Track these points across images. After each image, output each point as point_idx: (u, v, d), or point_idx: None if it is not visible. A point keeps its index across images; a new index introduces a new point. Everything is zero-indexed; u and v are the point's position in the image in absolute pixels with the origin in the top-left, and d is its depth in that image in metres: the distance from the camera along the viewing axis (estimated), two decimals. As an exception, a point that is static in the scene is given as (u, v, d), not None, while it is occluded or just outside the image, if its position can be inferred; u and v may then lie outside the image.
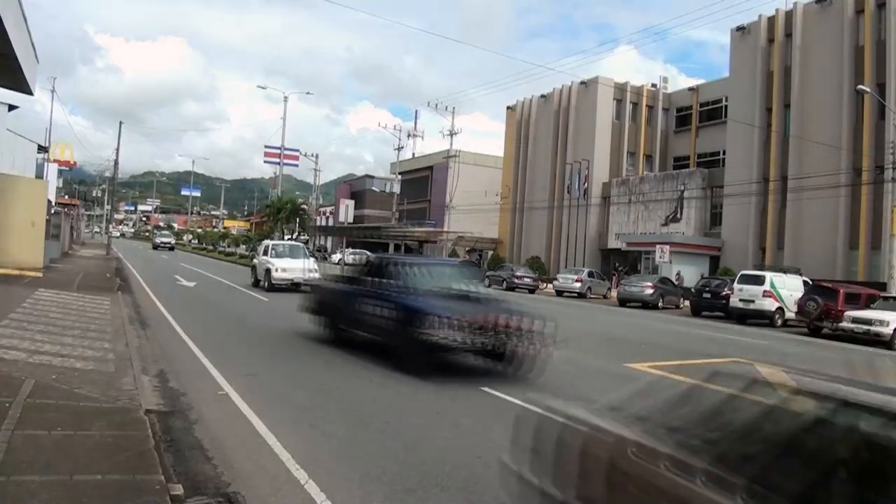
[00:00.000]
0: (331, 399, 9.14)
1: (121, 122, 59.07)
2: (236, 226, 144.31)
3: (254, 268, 29.81)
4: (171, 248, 73.60)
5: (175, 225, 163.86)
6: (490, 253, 67.18)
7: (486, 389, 9.94)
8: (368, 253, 25.79)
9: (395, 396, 9.46)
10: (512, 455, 4.59)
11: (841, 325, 25.67)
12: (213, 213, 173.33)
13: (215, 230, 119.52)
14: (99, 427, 6.43)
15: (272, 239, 62.95)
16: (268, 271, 27.19)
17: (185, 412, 7.85)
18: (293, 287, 25.96)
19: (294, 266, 27.08)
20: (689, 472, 3.14)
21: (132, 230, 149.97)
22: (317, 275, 25.96)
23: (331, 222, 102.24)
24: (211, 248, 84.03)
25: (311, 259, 29.14)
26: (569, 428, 4.03)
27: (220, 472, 5.89)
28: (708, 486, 3.02)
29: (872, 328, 24.16)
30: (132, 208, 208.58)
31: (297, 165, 75.80)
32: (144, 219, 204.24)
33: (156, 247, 73.13)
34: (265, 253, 28.87)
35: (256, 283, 28.41)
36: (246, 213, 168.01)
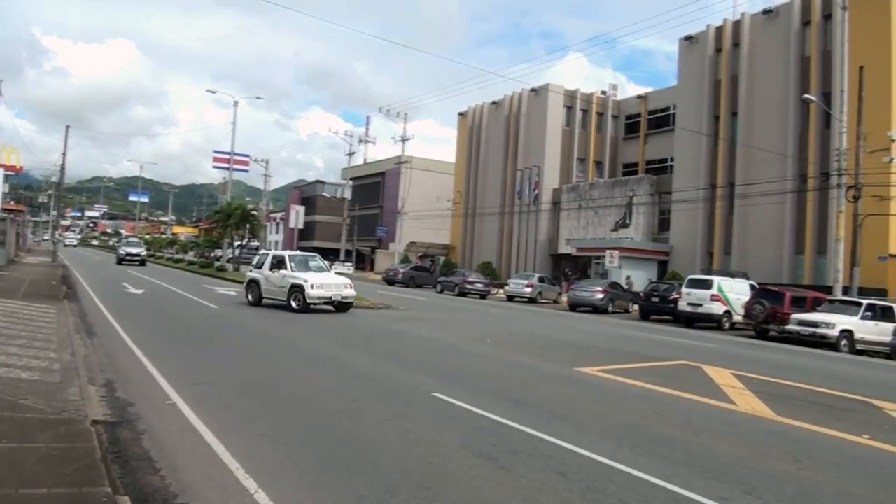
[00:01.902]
0: (281, 407, 9.09)
1: (68, 126, 57.84)
2: (185, 232, 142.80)
3: (252, 283, 25.41)
4: (143, 263, 53.32)
5: (123, 231, 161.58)
6: (442, 258, 67.33)
7: (438, 395, 9.97)
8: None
9: (347, 403, 9.44)
10: None
11: (787, 327, 26.26)
12: (161, 219, 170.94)
13: (163, 236, 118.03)
14: (45, 439, 6.33)
15: (222, 246, 62.45)
16: (298, 288, 23.05)
17: (133, 422, 7.74)
18: (328, 307, 24.01)
19: (329, 282, 24.17)
20: None
21: (78, 237, 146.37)
22: (353, 292, 24.87)
23: (282, 228, 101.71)
24: (160, 254, 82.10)
25: (333, 271, 27.43)
26: None
27: (168, 483, 5.82)
28: None
29: (818, 330, 24.70)
30: (79, 214, 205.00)
31: (247, 171, 75.42)
32: (92, 225, 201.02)
33: (121, 260, 52.46)
34: (277, 266, 24.45)
35: (259, 302, 24.69)
36: (195, 218, 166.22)
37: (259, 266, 25.57)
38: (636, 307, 36.81)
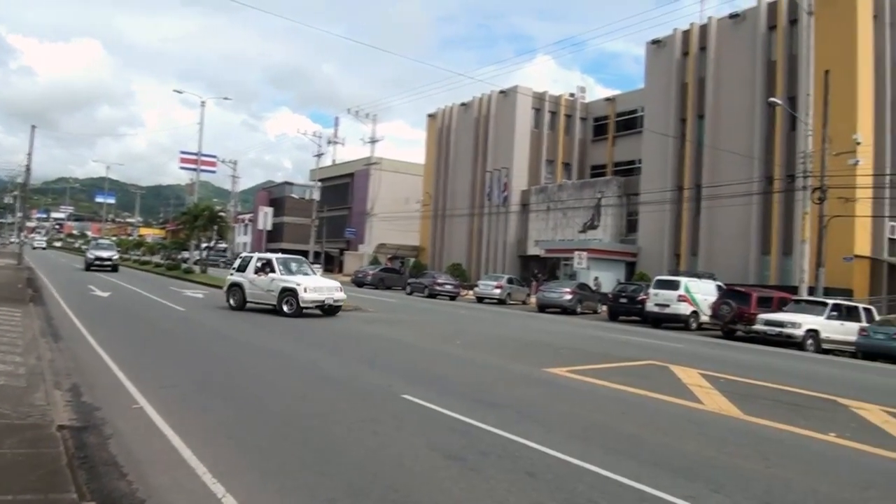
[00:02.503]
0: (249, 409, 9.04)
1: (33, 127, 56.96)
2: (152, 234, 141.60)
3: (235, 286, 24.43)
4: (115, 269, 46.26)
5: (89, 233, 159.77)
6: (412, 260, 67.28)
7: (408, 397, 9.96)
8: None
9: (317, 405, 9.41)
10: None
11: (754, 327, 26.54)
12: (128, 220, 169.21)
13: (130, 238, 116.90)
14: (10, 445, 6.24)
15: (189, 248, 61.98)
16: (291, 292, 22.54)
17: (100, 427, 7.65)
18: (320, 310, 23.41)
19: (321, 285, 23.85)
20: None
21: (45, 239, 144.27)
22: (344, 295, 24.54)
23: (250, 230, 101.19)
24: (126, 256, 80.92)
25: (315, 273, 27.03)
26: None
27: (135, 488, 5.76)
28: None
29: (784, 330, 25.00)
30: (45, 216, 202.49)
31: (214, 172, 74.99)
32: (58, 227, 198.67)
33: (90, 266, 45.67)
34: (263, 269, 23.81)
35: (242, 306, 23.91)
36: (162, 220, 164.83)
37: (241, 269, 24.76)
38: (604, 308, 37.00)
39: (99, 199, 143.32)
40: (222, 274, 48.83)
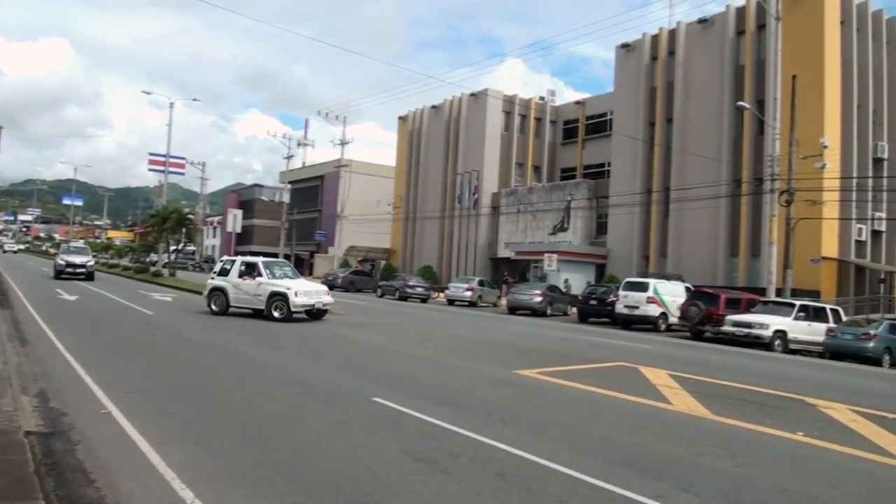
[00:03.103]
0: (219, 414, 8.99)
1: (0, 127, 56.31)
2: (120, 236, 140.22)
3: (217, 291, 23.76)
4: (89, 276, 41.16)
5: (56, 235, 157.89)
6: (383, 263, 67.15)
7: (379, 400, 9.94)
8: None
9: (287, 409, 9.36)
10: None
11: (722, 328, 26.80)
12: (96, 223, 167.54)
13: (98, 241, 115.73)
14: (-26, 451, 6.17)
15: (157, 250, 61.47)
16: (281, 296, 22.21)
17: (67, 433, 7.56)
18: (307, 314, 23.23)
19: (311, 289, 23.65)
20: None
21: (13, 241, 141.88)
22: (331, 299, 24.45)
23: (219, 232, 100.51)
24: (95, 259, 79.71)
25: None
26: None
27: (103, 494, 5.71)
28: None
29: (753, 331, 25.26)
30: (12, 218, 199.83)
31: (183, 174, 74.40)
32: (24, 229, 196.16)
33: (60, 273, 40.25)
34: (248, 273, 23.38)
35: (225, 311, 23.26)
36: (130, 223, 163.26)
37: (223, 273, 24.16)
38: (574, 310, 37.12)
39: (66, 202, 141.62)
40: (191, 277, 48.68)
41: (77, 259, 41.42)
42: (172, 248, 56.25)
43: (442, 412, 9.28)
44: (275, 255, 51.88)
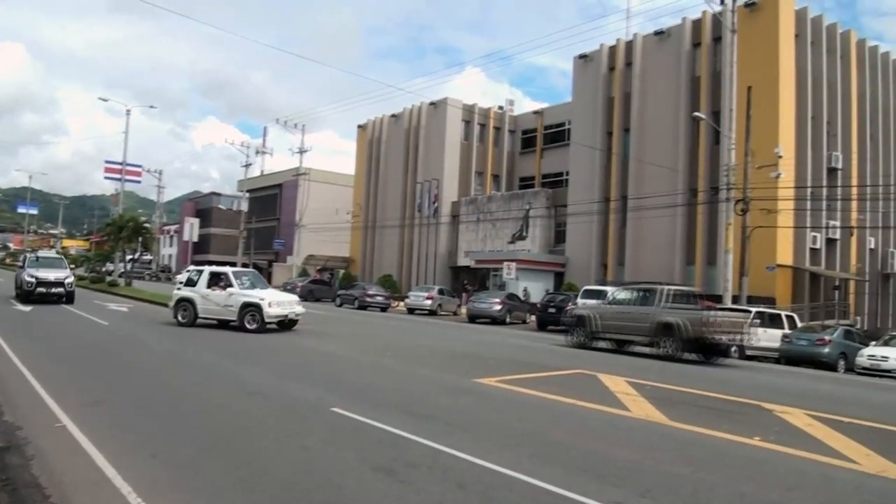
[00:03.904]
0: (175, 426, 8.86)
1: (-51, 136, 55.21)
2: (76, 245, 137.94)
3: (184, 301, 23.17)
4: (70, 300, 30.58)
5: (11, 245, 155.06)
6: (342, 271, 66.86)
7: (337, 410, 9.87)
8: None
9: (244, 420, 9.26)
10: None
11: (679, 335, 26.87)
12: (51, 231, 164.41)
13: (54, 250, 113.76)
14: (-80, 466, 6.01)
15: (114, 260, 60.64)
16: (255, 307, 21.85)
17: (22, 447, 7.41)
18: (278, 325, 22.98)
19: (283, 299, 23.44)
20: None
21: None
22: (303, 309, 24.25)
23: (176, 241, 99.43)
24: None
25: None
26: None
27: (57, 509, 5.60)
28: None
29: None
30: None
31: (139, 182, 73.58)
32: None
33: (29, 294, 29.72)
34: (216, 283, 23.01)
35: (193, 322, 22.83)
36: (86, 231, 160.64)
37: (190, 283, 23.63)
38: (533, 318, 37.28)
39: (21, 210, 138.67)
40: (148, 287, 48.12)
41: (51, 275, 30.88)
42: (129, 257, 55.57)
43: (401, 421, 9.23)
44: (233, 265, 51.45)
